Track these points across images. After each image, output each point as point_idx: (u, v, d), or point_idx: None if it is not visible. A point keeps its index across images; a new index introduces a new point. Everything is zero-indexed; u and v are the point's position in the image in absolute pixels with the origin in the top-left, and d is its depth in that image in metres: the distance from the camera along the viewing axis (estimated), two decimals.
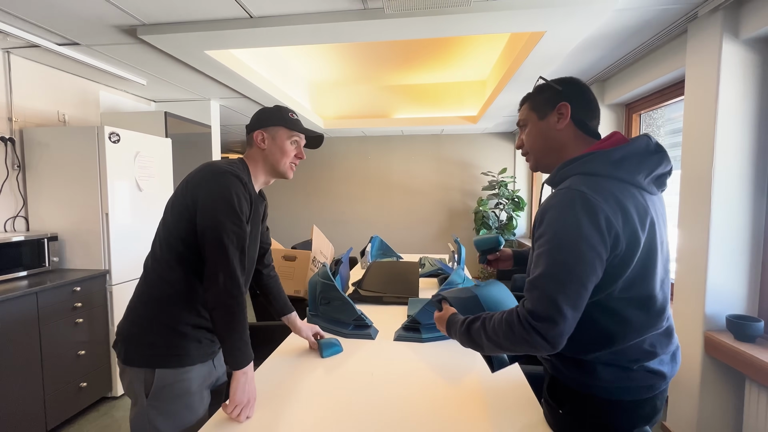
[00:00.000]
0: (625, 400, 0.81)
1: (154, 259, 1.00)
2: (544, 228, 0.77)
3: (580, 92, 0.89)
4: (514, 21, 1.74)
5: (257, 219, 1.10)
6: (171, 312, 0.98)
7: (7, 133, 2.23)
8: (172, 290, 0.98)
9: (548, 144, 0.90)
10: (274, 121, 1.08)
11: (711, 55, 1.68)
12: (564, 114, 0.87)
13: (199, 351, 1.01)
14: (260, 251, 1.26)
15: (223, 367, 1.14)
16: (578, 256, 0.72)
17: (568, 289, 0.72)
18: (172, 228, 0.98)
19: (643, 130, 2.68)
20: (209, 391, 1.06)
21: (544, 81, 0.92)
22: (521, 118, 0.96)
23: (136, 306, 1.00)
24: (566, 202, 0.75)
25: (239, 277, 0.94)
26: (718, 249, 1.69)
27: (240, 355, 0.93)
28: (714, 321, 1.72)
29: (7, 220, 2.24)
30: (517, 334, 0.75)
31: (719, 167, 1.67)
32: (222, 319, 0.92)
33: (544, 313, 0.72)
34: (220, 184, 0.94)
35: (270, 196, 5.57)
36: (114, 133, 2.27)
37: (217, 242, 0.92)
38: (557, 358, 0.87)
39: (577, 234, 0.72)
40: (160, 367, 0.96)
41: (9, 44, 2.11)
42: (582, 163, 0.81)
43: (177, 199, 0.98)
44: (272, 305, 1.36)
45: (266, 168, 1.10)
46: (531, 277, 0.77)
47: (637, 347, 0.80)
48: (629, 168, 0.78)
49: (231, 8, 1.72)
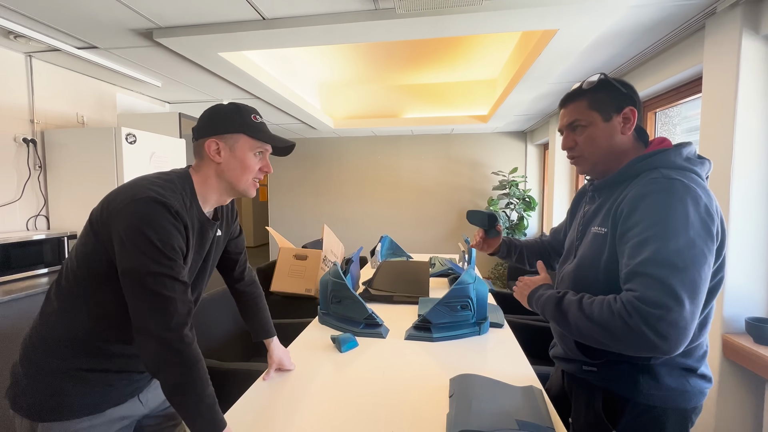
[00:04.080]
0: (686, 407, 0.78)
1: (59, 291, 0.82)
2: (640, 215, 0.72)
3: (638, 98, 0.86)
4: (526, 19, 1.72)
5: (203, 248, 0.90)
6: (69, 355, 0.80)
7: (29, 134, 2.31)
8: (74, 330, 0.80)
9: (612, 149, 0.84)
10: (233, 127, 0.85)
11: (730, 51, 1.64)
12: (631, 119, 0.83)
13: (110, 395, 0.85)
14: (229, 264, 1.11)
15: (159, 397, 0.98)
16: (690, 243, 0.67)
17: (683, 275, 0.64)
18: (82, 259, 0.79)
19: (658, 129, 2.63)
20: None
21: (607, 78, 0.85)
22: (576, 117, 0.86)
23: (28, 343, 0.82)
24: (668, 189, 0.71)
25: (181, 324, 0.74)
26: (736, 249, 1.65)
27: (205, 425, 0.74)
28: (732, 323, 1.68)
29: (29, 218, 2.32)
30: (620, 323, 0.65)
31: (738, 166, 1.63)
32: (169, 383, 0.73)
33: (657, 298, 0.63)
34: (139, 215, 0.73)
35: (279, 195, 5.64)
36: (131, 134, 2.32)
37: (140, 289, 0.73)
38: (611, 366, 0.81)
39: (685, 221, 0.68)
40: (43, 421, 0.78)
41: (31, 48, 2.17)
42: (659, 159, 0.78)
43: (92, 224, 0.79)
44: (248, 325, 1.18)
45: (220, 186, 0.88)
46: (632, 265, 0.70)
47: (701, 346, 0.79)
48: (696, 165, 0.78)
49: (244, 11, 1.74)
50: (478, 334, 1.45)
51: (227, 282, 1.17)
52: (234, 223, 1.09)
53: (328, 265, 2.47)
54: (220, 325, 1.74)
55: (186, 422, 0.75)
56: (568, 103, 0.89)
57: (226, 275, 1.15)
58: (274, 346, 1.17)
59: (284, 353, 1.18)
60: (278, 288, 2.39)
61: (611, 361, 0.80)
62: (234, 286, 1.16)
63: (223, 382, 1.15)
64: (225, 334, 1.76)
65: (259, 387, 1.09)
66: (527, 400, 0.94)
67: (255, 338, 1.18)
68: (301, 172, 5.53)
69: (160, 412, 1.00)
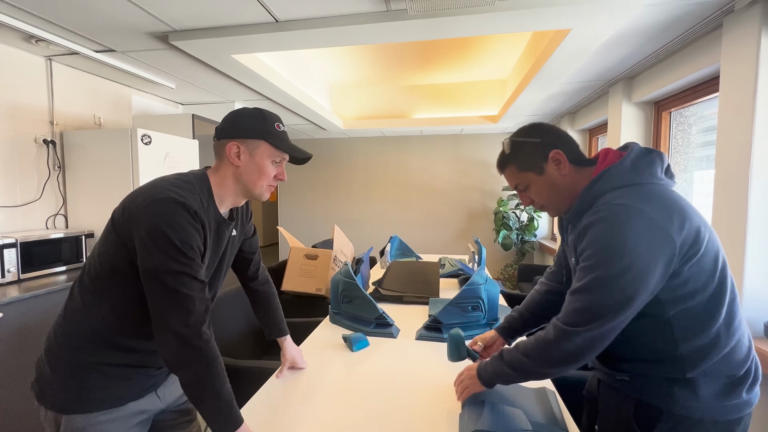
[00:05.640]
0: (728, 419, 0.76)
1: (82, 288, 0.85)
2: (586, 244, 0.77)
3: (555, 133, 0.89)
4: (539, 19, 1.71)
5: (219, 248, 0.93)
6: (91, 350, 0.83)
7: (49, 135, 2.37)
8: (96, 326, 0.82)
9: (561, 191, 0.88)
10: (256, 133, 0.87)
11: (749, 50, 1.61)
12: (560, 160, 0.87)
13: (130, 389, 0.87)
14: (243, 263, 1.14)
15: (175, 392, 1.01)
16: (624, 269, 0.71)
17: (609, 299, 0.72)
18: (104, 257, 0.82)
19: (673, 129, 2.59)
20: (145, 427, 0.94)
21: (518, 140, 0.90)
22: (516, 182, 0.93)
23: (53, 338, 0.86)
24: (607, 218, 0.74)
25: (199, 321, 0.76)
26: (755, 252, 1.62)
27: (222, 421, 0.76)
28: (751, 327, 1.63)
29: (48, 218, 2.38)
30: (546, 343, 0.76)
31: (757, 166, 1.59)
32: (188, 379, 0.76)
33: (578, 320, 0.73)
34: (160, 215, 0.75)
35: (289, 195, 5.68)
36: (146, 135, 2.37)
37: (160, 287, 0.75)
38: (644, 378, 0.80)
39: (622, 247, 0.71)
40: (67, 413, 0.82)
41: (51, 52, 2.23)
42: (603, 185, 0.80)
43: (114, 224, 0.81)
44: (262, 324, 1.20)
45: (236, 188, 0.90)
46: (572, 288, 0.77)
47: (736, 351, 0.75)
48: (644, 169, 0.79)
49: (258, 13, 1.77)
50: None
51: (241, 281, 1.19)
52: (248, 224, 1.11)
53: (338, 265, 2.48)
54: (234, 323, 1.77)
55: (204, 418, 0.77)
56: (502, 171, 0.95)
57: (240, 274, 1.17)
58: (288, 344, 1.19)
59: (297, 352, 1.20)
60: (289, 287, 2.41)
61: (641, 374, 0.79)
62: (248, 284, 1.18)
63: (237, 380, 1.17)
64: (238, 332, 1.78)
65: (273, 384, 1.10)
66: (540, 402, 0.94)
67: (268, 336, 1.20)
68: (311, 172, 5.56)
69: (176, 407, 1.02)
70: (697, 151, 2.39)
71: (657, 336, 0.77)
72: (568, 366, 0.77)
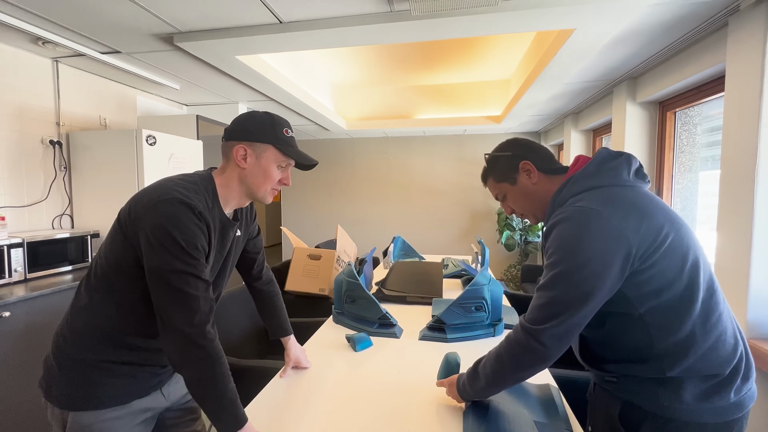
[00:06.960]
0: (716, 422, 0.74)
1: (89, 287, 0.86)
2: (549, 245, 0.81)
3: (526, 146, 0.98)
4: (542, 19, 1.71)
5: (224, 248, 0.94)
6: (98, 347, 0.84)
7: (55, 136, 2.39)
8: (102, 324, 0.84)
9: (536, 199, 0.95)
10: (265, 137, 0.88)
11: (754, 49, 1.60)
12: (530, 170, 0.94)
13: (135, 387, 0.88)
14: (247, 263, 1.15)
15: (180, 391, 1.02)
16: (582, 264, 0.74)
17: (566, 294, 0.75)
18: (110, 256, 0.83)
19: (678, 129, 2.58)
20: (150, 425, 0.95)
21: (492, 155, 1.01)
22: (496, 193, 1.02)
23: (60, 336, 0.87)
24: (566, 219, 0.79)
25: (203, 321, 0.77)
26: (761, 252, 1.60)
27: (226, 419, 0.77)
28: (757, 329, 1.63)
29: (54, 218, 2.40)
30: (514, 343, 0.80)
31: (763, 166, 1.58)
32: (192, 378, 0.77)
33: (541, 317, 0.76)
34: (165, 215, 0.76)
35: (293, 196, 5.70)
36: (151, 136, 2.39)
37: (165, 286, 0.76)
38: (630, 378, 0.81)
39: (578, 244, 0.75)
40: (74, 410, 0.83)
41: (58, 53, 2.26)
42: (566, 192, 0.85)
43: (120, 224, 0.82)
44: (266, 324, 1.21)
45: (241, 190, 0.91)
46: (537, 286, 0.82)
47: (716, 349, 0.74)
48: (607, 172, 0.83)
49: (262, 14, 1.78)
50: (492, 335, 1.44)
51: (246, 280, 1.20)
52: (253, 224, 1.12)
53: (341, 266, 2.49)
54: (238, 323, 1.77)
55: (209, 417, 0.77)
56: (485, 183, 1.05)
57: (244, 274, 1.18)
58: (291, 344, 1.20)
59: (301, 351, 1.20)
60: (292, 287, 2.42)
61: (627, 375, 0.79)
62: (252, 284, 1.19)
63: (241, 379, 1.17)
64: (242, 332, 1.79)
65: (276, 384, 1.11)
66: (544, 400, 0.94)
67: (272, 336, 1.21)
68: (314, 173, 5.57)
69: (180, 405, 1.03)
70: (702, 151, 2.38)
71: (635, 335, 0.78)
72: (536, 367, 0.80)
